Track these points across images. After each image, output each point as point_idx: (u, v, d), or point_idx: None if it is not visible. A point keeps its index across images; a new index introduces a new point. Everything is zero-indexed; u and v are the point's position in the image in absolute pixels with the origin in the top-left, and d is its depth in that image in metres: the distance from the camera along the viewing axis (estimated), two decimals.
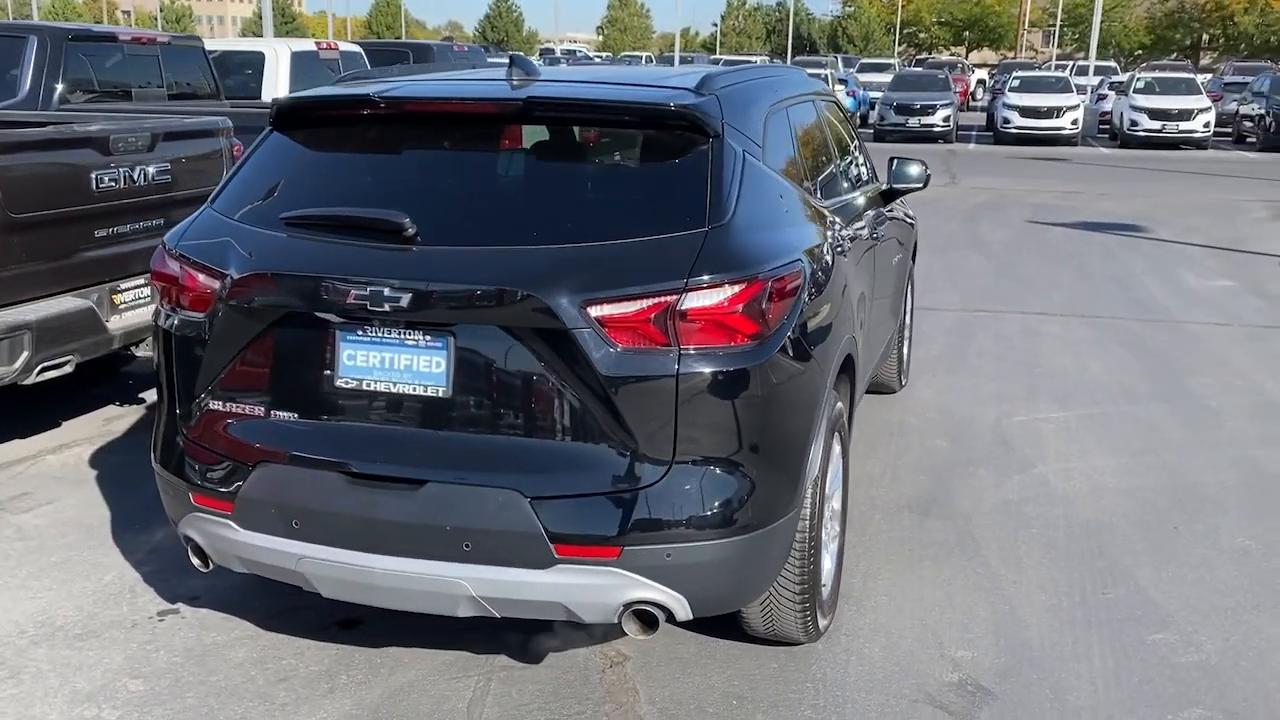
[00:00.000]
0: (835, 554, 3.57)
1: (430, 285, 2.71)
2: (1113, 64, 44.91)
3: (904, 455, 5.16)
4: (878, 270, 4.45)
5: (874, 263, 4.37)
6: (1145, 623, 3.62)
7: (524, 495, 2.70)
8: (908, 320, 6.04)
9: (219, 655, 3.39)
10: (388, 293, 2.70)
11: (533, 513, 2.69)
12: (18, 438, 5.23)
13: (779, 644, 3.40)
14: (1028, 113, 24.85)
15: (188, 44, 9.07)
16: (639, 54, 59.68)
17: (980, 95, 42.81)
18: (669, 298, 2.66)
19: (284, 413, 2.92)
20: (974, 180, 17.60)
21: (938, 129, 25.09)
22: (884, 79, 31.73)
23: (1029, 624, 3.60)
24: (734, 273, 2.72)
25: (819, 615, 3.29)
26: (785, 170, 3.44)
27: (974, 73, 46.59)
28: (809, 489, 3.04)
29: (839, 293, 3.40)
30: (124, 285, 5.15)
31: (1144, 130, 24.20)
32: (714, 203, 2.81)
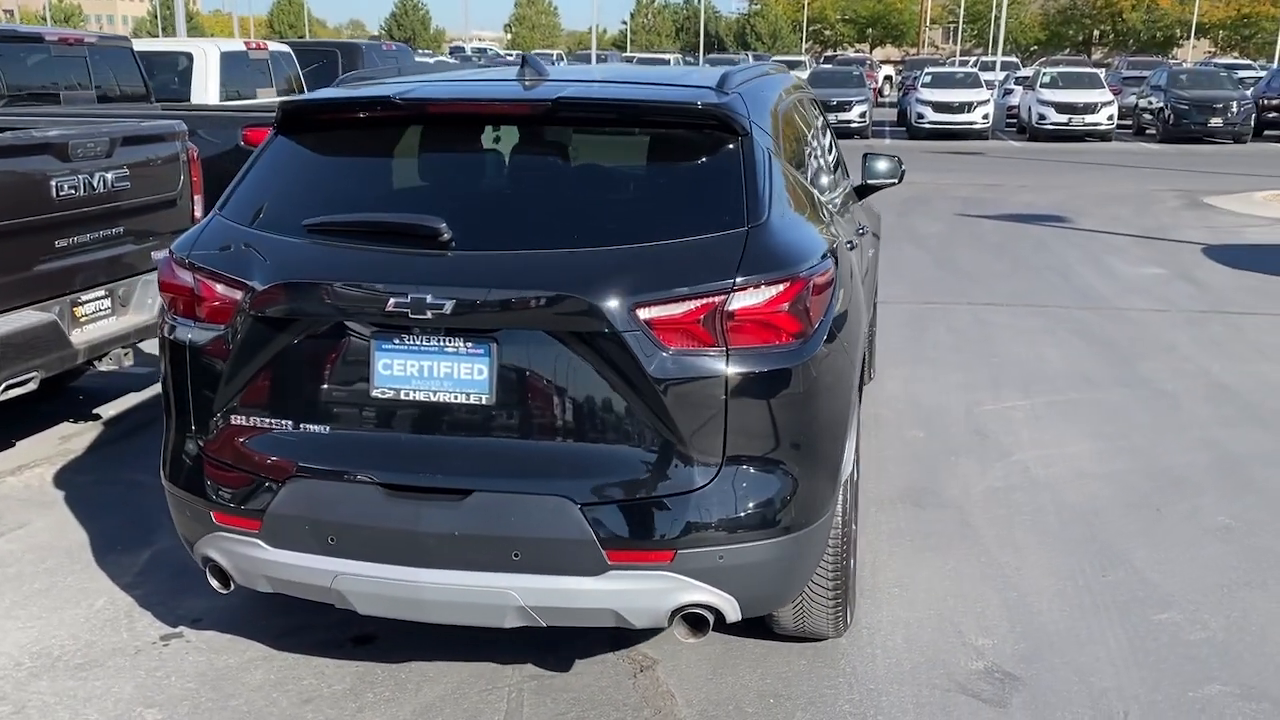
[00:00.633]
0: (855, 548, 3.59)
1: (473, 291, 2.65)
2: (1015, 59, 46.18)
3: (886, 448, 5.22)
4: (865, 264, 4.50)
5: (862, 257, 4.42)
6: (1149, 603, 3.72)
7: (574, 502, 2.66)
8: (876, 313, 6.13)
9: (234, 679, 3.26)
10: (430, 299, 2.63)
11: (583, 519, 2.65)
12: None
13: (803, 640, 3.41)
14: (941, 108, 25.42)
15: (116, 44, 8.73)
16: (549, 52, 59.36)
17: (888, 91, 43.68)
18: (717, 298, 2.64)
19: (315, 425, 2.82)
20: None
21: (854, 125, 25.46)
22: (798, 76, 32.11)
23: (1040, 609, 3.68)
24: (778, 272, 2.71)
25: (849, 611, 3.31)
26: (795, 167, 3.45)
27: (881, 69, 47.47)
28: (843, 485, 3.06)
29: (855, 288, 3.42)
30: (85, 297, 4.94)
31: (1052, 124, 24.94)
32: (751, 202, 2.80)
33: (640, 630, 3.01)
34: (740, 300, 2.66)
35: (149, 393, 6.07)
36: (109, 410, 5.79)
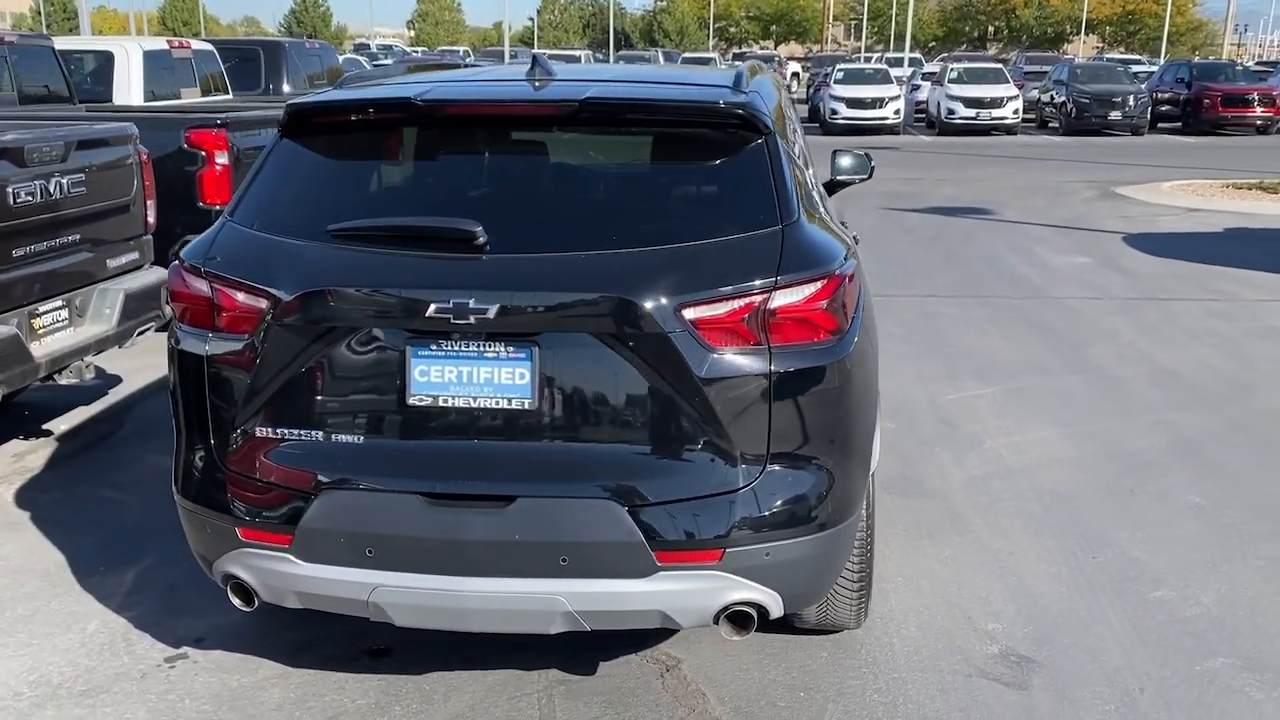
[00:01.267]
0: None
1: (517, 295, 2.62)
2: (919, 55, 47.23)
3: None
4: None
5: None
6: (1141, 582, 3.86)
7: (621, 504, 2.65)
8: None
9: (252, 698, 3.17)
10: (473, 304, 2.59)
11: (631, 521, 2.64)
12: None
13: (823, 633, 3.45)
14: (854, 104, 25.89)
15: (37, 43, 8.38)
16: (455, 49, 58.70)
17: (795, 88, 44.27)
18: (760, 297, 2.66)
19: (349, 435, 2.75)
20: (818, 171, 18.17)
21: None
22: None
23: (1040, 592, 3.78)
24: (816, 269, 2.74)
25: (868, 602, 3.36)
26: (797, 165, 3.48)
27: (789, 65, 48.12)
28: (870, 478, 3.10)
29: (865, 283, 3.47)
30: (43, 308, 4.74)
31: (960, 118, 25.60)
32: (781, 200, 2.82)
33: (658, 630, 3.02)
34: (781, 298, 2.68)
35: (99, 406, 5.86)
36: (60, 425, 5.56)
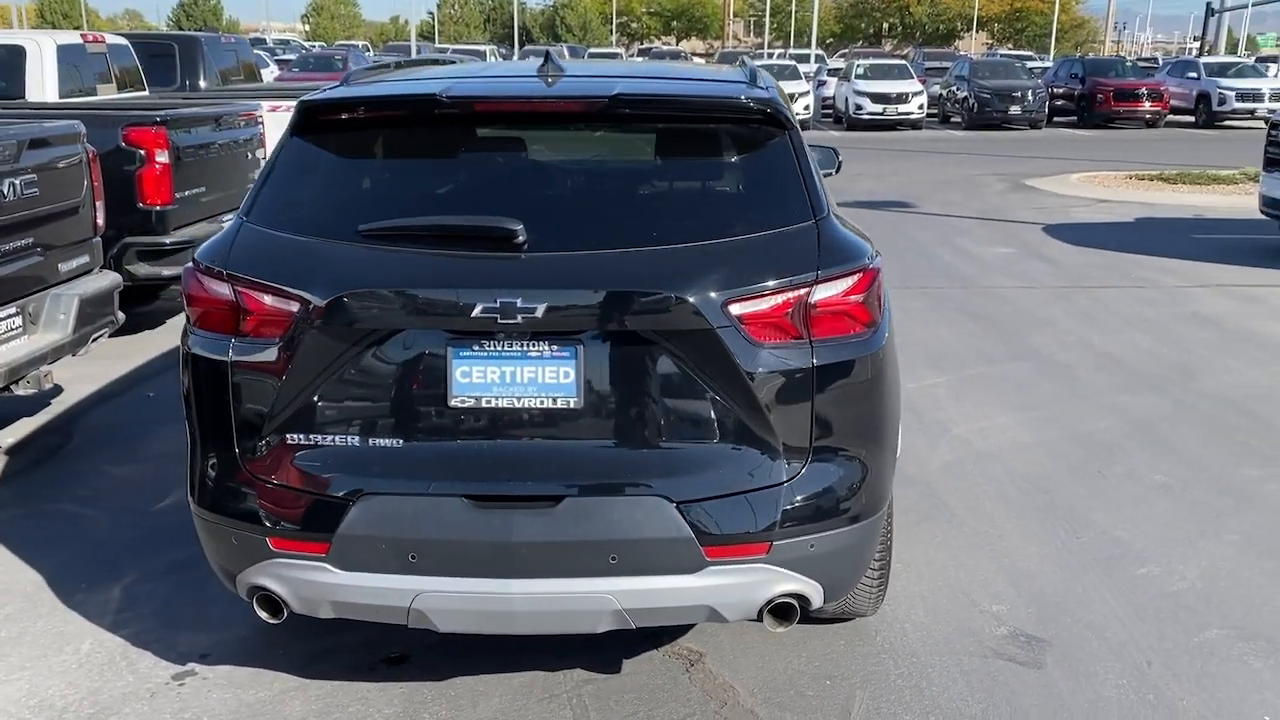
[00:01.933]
0: None
1: (561, 293, 2.59)
2: (821, 52, 48.01)
3: None
4: None
5: None
6: (1126, 560, 4.01)
7: (670, 500, 2.65)
8: None
9: (273, 713, 3.08)
10: (521, 303, 2.56)
11: (680, 517, 2.64)
12: None
13: (838, 621, 3.50)
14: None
15: None
16: (353, 43, 57.56)
17: None
18: (803, 291, 2.68)
19: (388, 440, 2.69)
20: None
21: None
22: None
23: (1034, 573, 3.90)
24: (853, 263, 2.78)
25: (886, 590, 3.42)
26: None
27: (694, 61, 48.41)
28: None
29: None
30: None
31: (868, 113, 26.10)
32: (812, 195, 2.85)
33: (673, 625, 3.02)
34: (822, 292, 2.71)
35: (44, 417, 5.60)
36: (5, 439, 5.30)
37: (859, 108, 26.21)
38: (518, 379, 2.65)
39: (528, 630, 2.79)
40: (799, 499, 2.72)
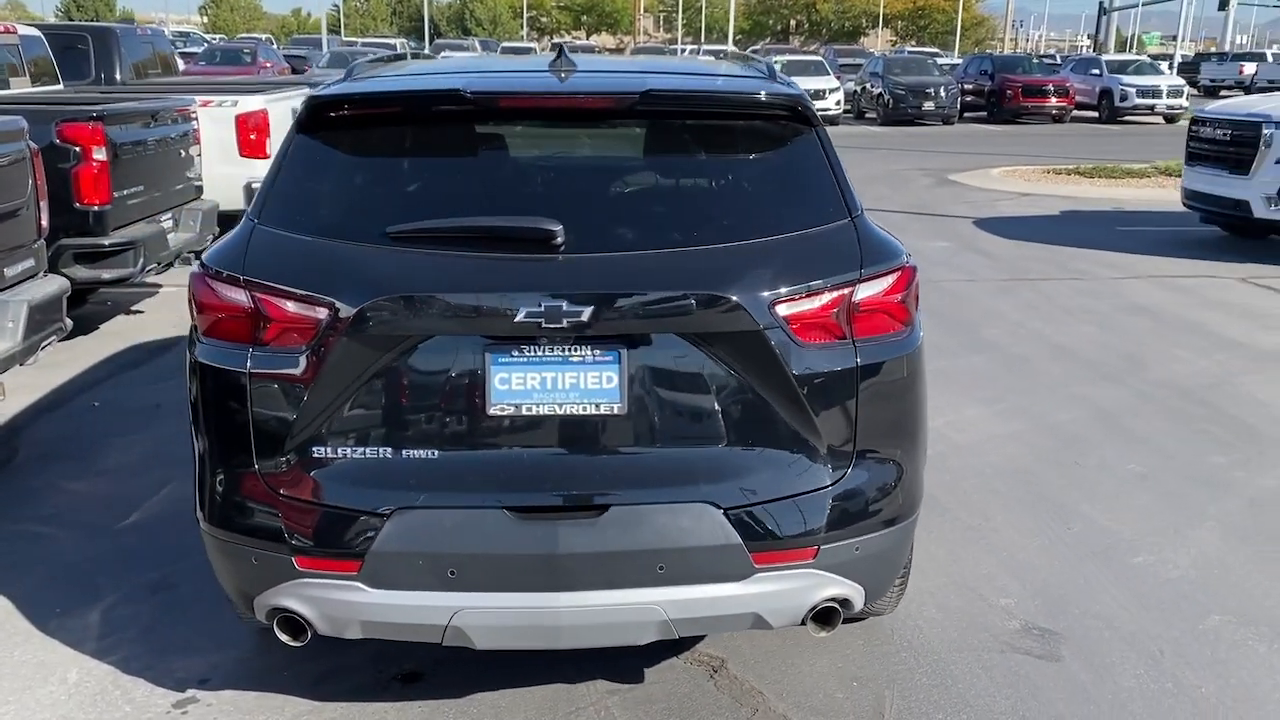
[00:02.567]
0: None
1: (606, 295, 2.50)
2: (726, 47, 48.33)
3: None
4: None
5: None
6: (1119, 550, 4.07)
7: (717, 507, 2.58)
8: None
9: None
10: (566, 307, 2.46)
11: (728, 524, 2.58)
12: None
13: (849, 621, 3.48)
14: None
15: None
16: (256, 36, 56.06)
17: None
18: (846, 290, 2.64)
19: (423, 451, 2.57)
20: None
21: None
22: None
23: (1034, 566, 3.94)
24: (891, 261, 2.75)
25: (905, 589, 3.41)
26: None
27: (608, 55, 48.38)
28: None
29: None
30: None
31: None
32: (845, 193, 2.82)
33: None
34: (864, 291, 2.67)
35: None
36: None
37: None
38: (559, 385, 2.56)
39: (571, 644, 2.70)
40: (844, 502, 2.68)
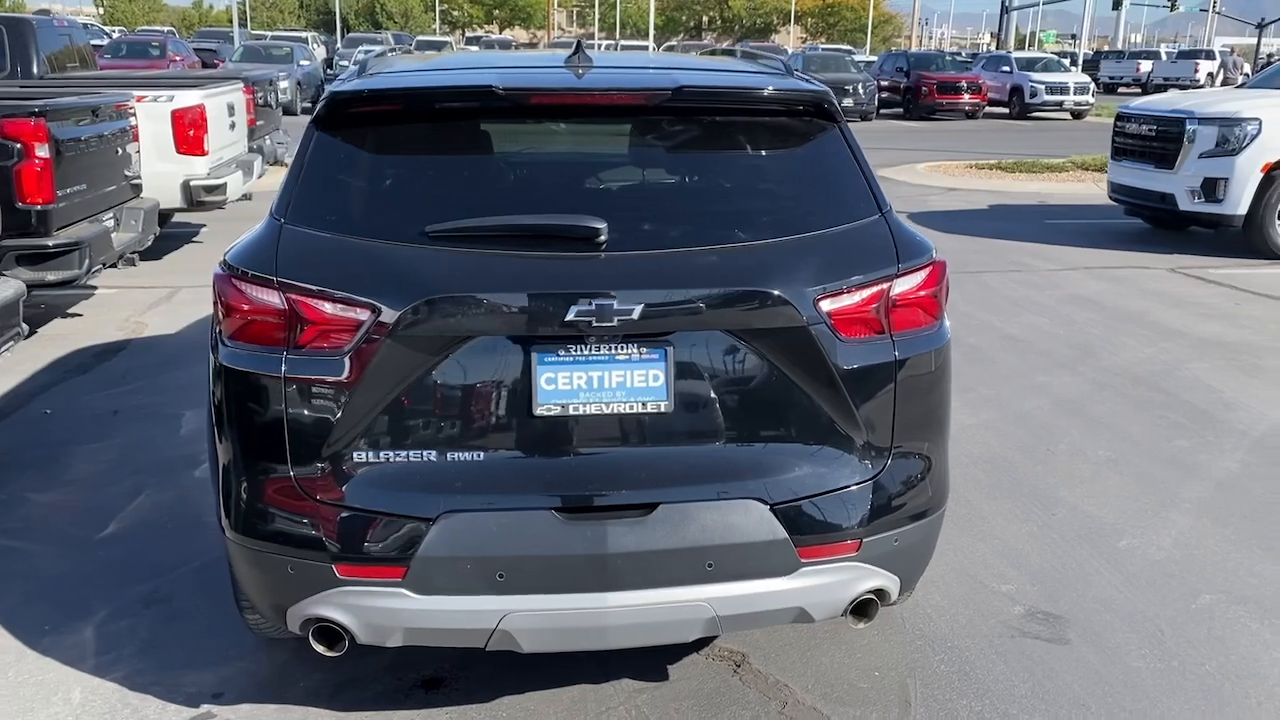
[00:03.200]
0: None
1: (655, 293, 2.49)
2: (649, 43, 48.46)
3: None
4: None
5: None
6: (1104, 534, 4.20)
7: (764, 502, 2.59)
8: None
9: None
10: (617, 305, 2.45)
11: (775, 519, 2.59)
12: None
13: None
14: None
15: None
16: (158, 29, 54.33)
17: None
18: (884, 285, 2.68)
19: (468, 453, 2.53)
20: None
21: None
22: None
23: (1027, 551, 4.04)
24: (924, 256, 2.79)
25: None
26: None
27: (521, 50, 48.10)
28: None
29: None
30: None
31: None
32: (873, 189, 2.85)
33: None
34: (901, 286, 2.71)
35: None
36: None
37: None
38: (605, 384, 2.54)
39: (618, 644, 2.68)
40: (885, 494, 2.72)
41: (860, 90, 27.18)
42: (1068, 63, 35.60)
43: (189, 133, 8.50)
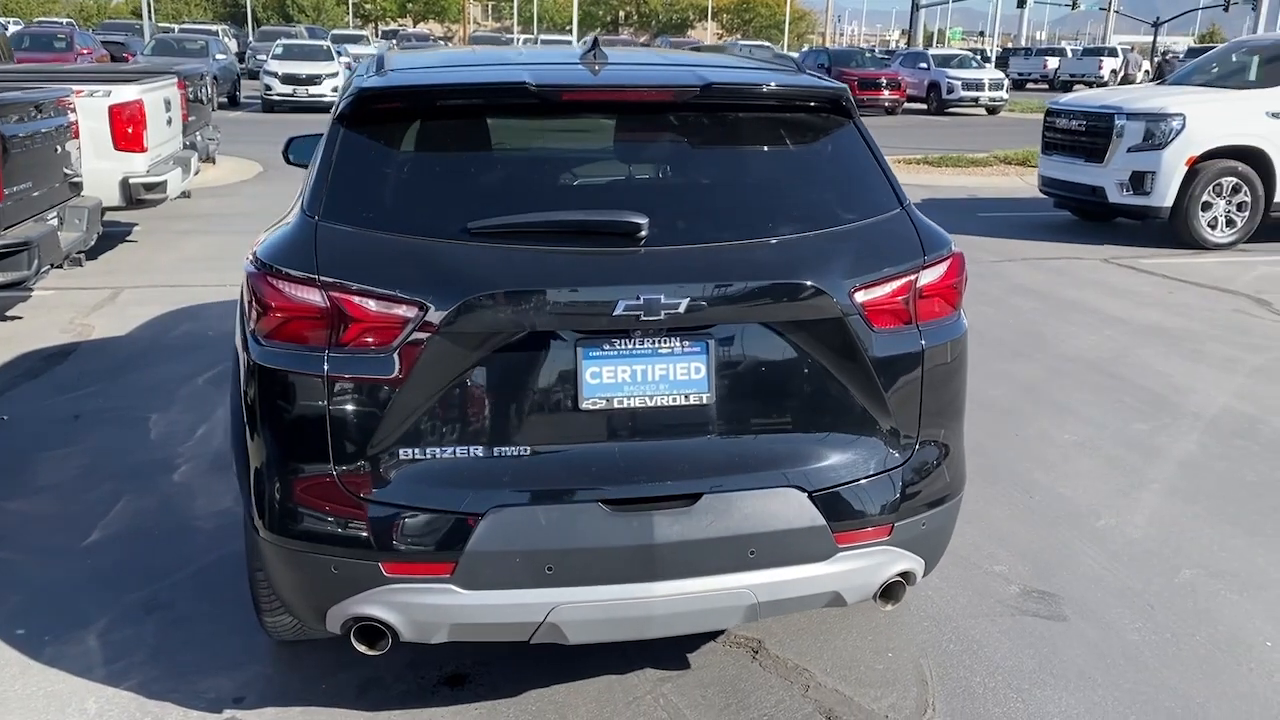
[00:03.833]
0: None
1: (700, 287, 2.53)
2: (571, 38, 48.32)
3: None
4: None
5: None
6: (1082, 515, 4.36)
7: (802, 490, 2.65)
8: None
9: None
10: (664, 299, 2.48)
11: (814, 506, 2.66)
12: None
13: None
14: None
15: None
16: (56, 20, 52.43)
17: None
18: (912, 276, 2.75)
19: (515, 448, 2.54)
20: None
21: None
22: (368, 50, 31.45)
23: (1013, 533, 4.18)
24: (946, 248, 2.88)
25: None
26: None
27: (444, 45, 47.59)
28: None
29: None
30: None
31: None
32: (892, 182, 2.93)
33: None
34: (926, 277, 2.79)
35: None
36: None
37: None
38: (649, 377, 2.57)
39: (662, 633, 2.71)
40: (913, 480, 2.80)
41: None
42: (980, 59, 36.52)
43: (127, 129, 8.26)
